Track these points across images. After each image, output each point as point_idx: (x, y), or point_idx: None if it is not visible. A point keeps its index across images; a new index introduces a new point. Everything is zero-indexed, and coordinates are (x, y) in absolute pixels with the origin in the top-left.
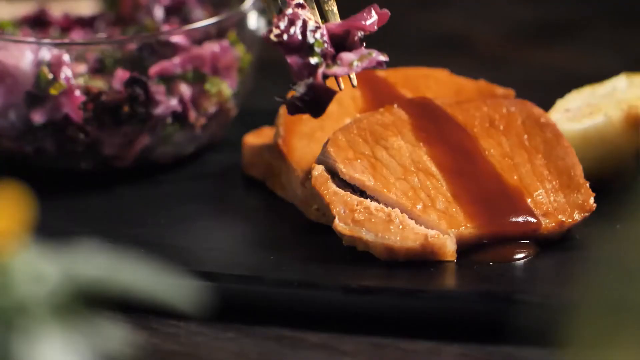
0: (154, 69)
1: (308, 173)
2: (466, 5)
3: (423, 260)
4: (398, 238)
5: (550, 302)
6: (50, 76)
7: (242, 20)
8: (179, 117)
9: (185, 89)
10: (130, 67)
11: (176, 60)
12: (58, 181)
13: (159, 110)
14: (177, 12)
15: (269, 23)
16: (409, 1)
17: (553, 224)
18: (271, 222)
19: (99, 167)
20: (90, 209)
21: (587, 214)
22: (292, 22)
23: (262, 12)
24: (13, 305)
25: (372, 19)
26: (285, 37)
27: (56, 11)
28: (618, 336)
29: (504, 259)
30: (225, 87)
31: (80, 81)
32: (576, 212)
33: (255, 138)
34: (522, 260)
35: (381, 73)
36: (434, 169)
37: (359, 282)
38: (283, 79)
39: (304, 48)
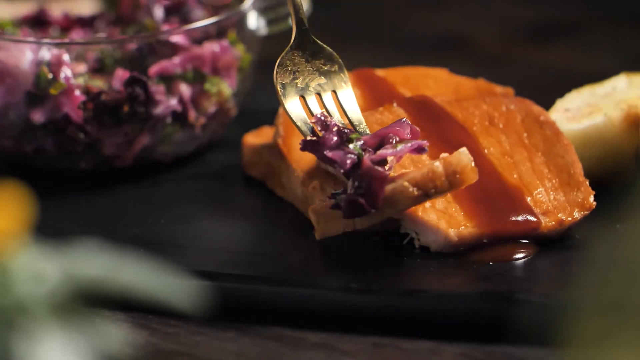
0: (153, 69)
1: (308, 173)
2: (466, 5)
3: (425, 258)
4: (415, 172)
5: (550, 301)
6: (50, 76)
7: (242, 20)
8: (179, 117)
9: (185, 89)
10: (130, 67)
11: (176, 60)
12: (58, 181)
13: (158, 110)
14: (177, 12)
15: (270, 22)
16: (409, 1)
17: (553, 223)
18: (271, 222)
19: (99, 167)
20: (90, 209)
21: (587, 212)
22: (325, 124)
23: (262, 11)
24: (13, 305)
25: (406, 128)
26: (322, 132)
27: (56, 11)
28: (618, 336)
29: (504, 259)
30: (225, 87)
31: (80, 81)
32: (576, 210)
33: (255, 138)
34: (522, 260)
35: (380, 72)
36: None
37: (359, 282)
38: None
39: (343, 142)
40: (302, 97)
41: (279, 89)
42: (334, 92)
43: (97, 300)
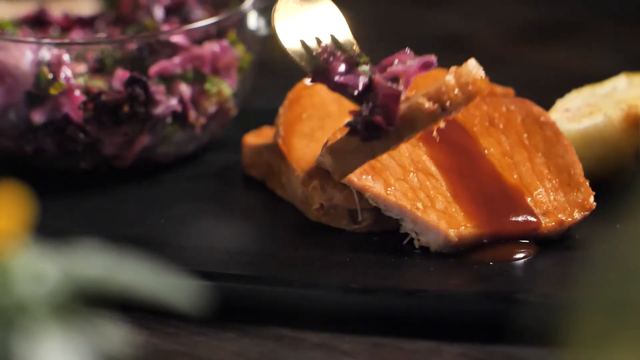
0: (154, 69)
1: (308, 173)
2: (466, 5)
3: (426, 254)
4: (429, 88)
5: (550, 301)
6: (50, 76)
7: (242, 20)
8: (179, 117)
9: (185, 89)
10: (130, 67)
11: (176, 60)
12: (58, 181)
13: (159, 110)
14: (177, 12)
15: (270, 22)
16: (409, 1)
17: (553, 223)
18: (271, 222)
19: (99, 167)
20: (90, 209)
21: (587, 213)
22: (332, 52)
23: (262, 12)
24: (13, 305)
25: (410, 56)
26: (331, 58)
27: (56, 11)
28: (618, 336)
29: (504, 259)
30: (225, 87)
31: (80, 81)
32: (576, 210)
33: (255, 138)
34: (522, 260)
35: None
36: (433, 168)
37: (359, 281)
38: (283, 79)
39: (352, 65)
40: (301, 41)
41: (277, 33)
42: (332, 35)
43: (97, 300)
